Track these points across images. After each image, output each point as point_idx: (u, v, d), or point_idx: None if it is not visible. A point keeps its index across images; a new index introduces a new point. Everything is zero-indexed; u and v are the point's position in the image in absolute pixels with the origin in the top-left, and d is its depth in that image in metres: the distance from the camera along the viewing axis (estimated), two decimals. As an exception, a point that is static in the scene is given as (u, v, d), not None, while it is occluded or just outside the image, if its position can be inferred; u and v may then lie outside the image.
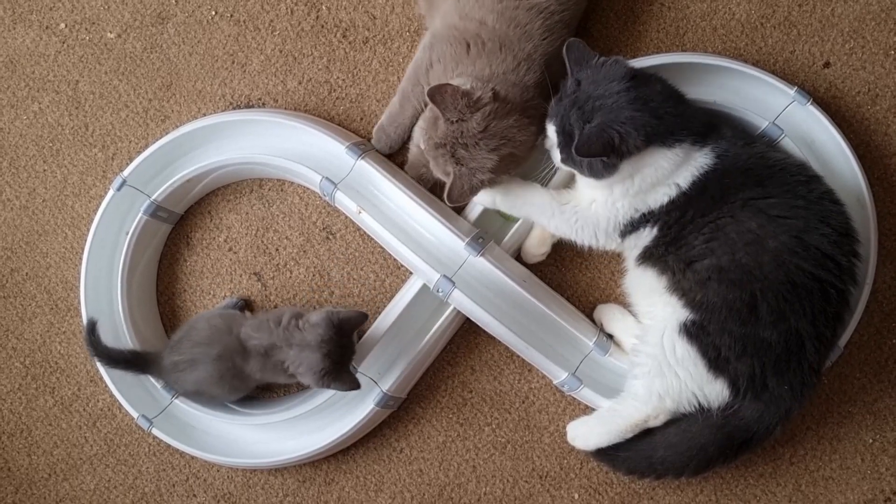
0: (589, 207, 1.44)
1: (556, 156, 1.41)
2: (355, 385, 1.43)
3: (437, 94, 1.37)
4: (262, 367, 1.45)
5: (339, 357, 1.41)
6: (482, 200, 1.54)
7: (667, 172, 1.36)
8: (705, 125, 1.38)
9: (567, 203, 1.47)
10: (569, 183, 1.53)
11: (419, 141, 1.54)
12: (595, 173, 1.35)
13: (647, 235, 1.42)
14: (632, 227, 1.42)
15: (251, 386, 1.54)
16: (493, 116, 1.38)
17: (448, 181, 1.42)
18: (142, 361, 1.52)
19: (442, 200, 1.59)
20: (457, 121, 1.38)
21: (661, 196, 1.38)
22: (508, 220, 1.59)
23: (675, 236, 1.38)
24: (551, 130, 1.40)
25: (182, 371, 1.47)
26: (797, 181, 1.36)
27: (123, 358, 1.51)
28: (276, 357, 1.43)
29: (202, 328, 1.49)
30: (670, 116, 1.34)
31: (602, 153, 1.31)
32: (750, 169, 1.36)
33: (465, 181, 1.41)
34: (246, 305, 1.67)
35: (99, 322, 1.54)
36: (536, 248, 1.59)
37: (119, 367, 1.52)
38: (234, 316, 1.52)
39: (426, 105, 1.55)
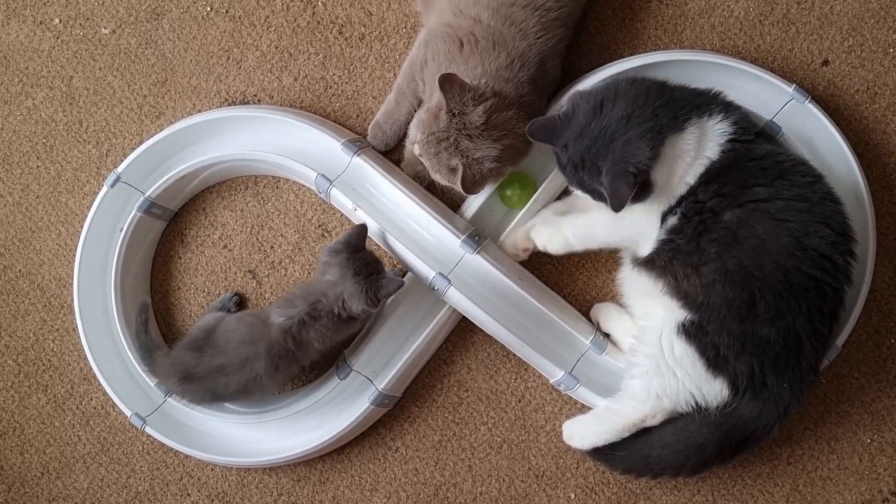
0: (634, 221, 1.42)
1: (611, 209, 1.35)
2: (399, 284, 1.44)
3: (447, 83, 1.38)
4: (316, 334, 1.44)
5: (368, 270, 1.43)
6: (554, 247, 1.49)
7: (693, 153, 1.34)
8: (697, 94, 1.37)
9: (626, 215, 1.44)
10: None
11: (415, 138, 1.53)
12: (642, 198, 1.34)
13: (669, 221, 1.39)
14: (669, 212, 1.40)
15: (301, 367, 1.52)
16: (493, 109, 1.39)
17: (457, 174, 1.41)
18: (152, 373, 1.53)
19: (437, 197, 1.59)
20: (459, 113, 1.39)
21: (695, 171, 1.35)
22: (512, 206, 1.57)
23: (689, 240, 1.35)
24: (583, 195, 1.42)
25: (229, 374, 1.43)
26: (805, 182, 1.36)
27: (149, 346, 1.53)
28: (324, 310, 1.43)
29: (238, 328, 1.46)
30: (661, 107, 1.33)
31: (632, 191, 1.30)
32: (765, 158, 1.35)
33: (475, 170, 1.41)
34: (241, 302, 1.66)
35: (96, 318, 1.59)
36: (521, 243, 1.57)
37: (140, 351, 1.55)
38: (260, 312, 1.50)
39: (421, 103, 1.54)
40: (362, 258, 1.44)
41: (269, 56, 1.68)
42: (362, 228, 1.46)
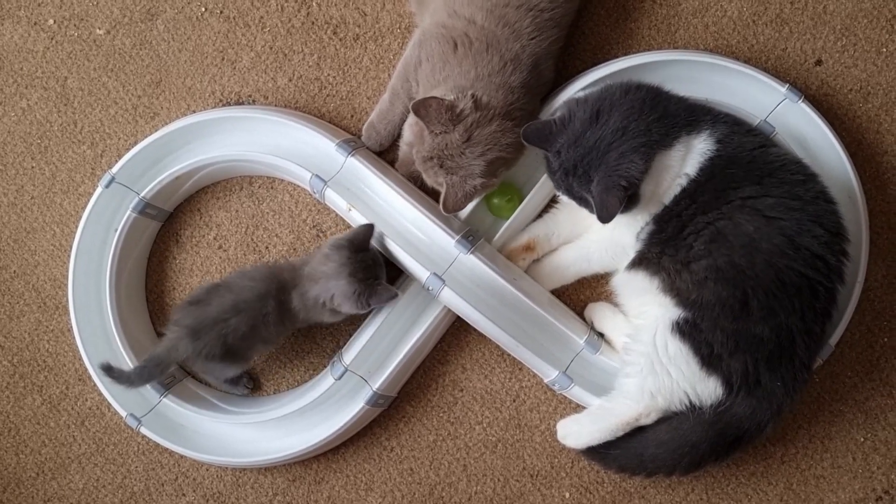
0: (614, 230, 1.45)
1: (598, 220, 1.37)
2: (392, 295, 1.44)
3: (422, 108, 1.39)
4: (304, 306, 1.46)
5: (366, 274, 1.43)
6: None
7: (677, 170, 1.36)
8: (688, 111, 1.38)
9: (593, 242, 1.52)
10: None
11: (409, 138, 1.53)
12: (627, 209, 1.36)
13: (644, 231, 1.42)
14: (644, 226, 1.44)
15: (294, 326, 1.53)
16: (475, 125, 1.40)
17: (441, 191, 1.43)
18: (163, 361, 1.46)
19: (432, 197, 1.60)
20: (440, 133, 1.40)
21: (674, 189, 1.38)
22: (499, 216, 1.59)
23: (671, 235, 1.37)
24: (568, 200, 1.44)
25: (241, 312, 1.43)
26: (796, 180, 1.36)
27: (155, 365, 1.46)
28: (310, 294, 1.45)
29: (257, 268, 1.50)
30: (655, 122, 1.34)
31: (621, 204, 1.32)
32: (752, 163, 1.36)
33: (458, 189, 1.43)
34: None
35: (91, 319, 1.59)
36: (520, 252, 1.59)
37: (154, 379, 1.50)
38: (270, 263, 1.53)
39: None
40: (363, 260, 1.44)
41: (263, 57, 1.68)
42: (368, 228, 1.46)
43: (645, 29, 1.63)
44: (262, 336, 1.48)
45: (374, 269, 1.46)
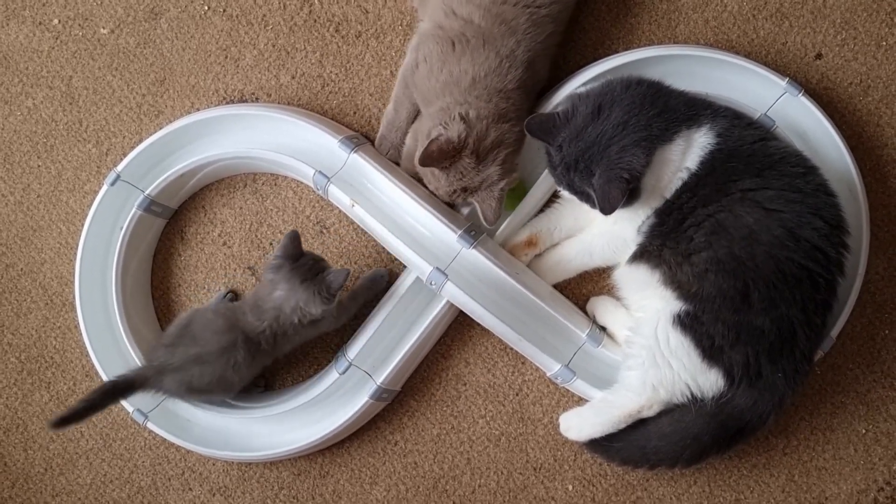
0: (615, 224, 1.47)
1: (597, 211, 1.39)
2: (346, 273, 1.46)
3: (428, 159, 1.42)
4: (280, 334, 1.48)
5: (312, 273, 1.47)
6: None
7: (677, 164, 1.37)
8: (688, 105, 1.39)
9: (594, 236, 1.53)
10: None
11: (413, 147, 1.55)
12: (630, 202, 1.37)
13: (645, 224, 1.43)
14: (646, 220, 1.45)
15: (273, 356, 1.54)
16: (477, 142, 1.43)
17: (478, 209, 1.48)
18: (130, 387, 1.44)
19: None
20: (450, 166, 1.44)
21: (675, 183, 1.39)
22: (505, 208, 1.59)
23: (672, 228, 1.38)
24: (569, 196, 1.45)
25: (205, 363, 1.44)
26: (796, 173, 1.37)
27: (123, 389, 1.43)
28: (287, 321, 1.47)
29: (215, 319, 1.47)
30: (655, 116, 1.35)
31: (624, 196, 1.33)
32: (752, 156, 1.37)
33: (490, 200, 1.46)
34: (235, 298, 1.68)
35: (97, 316, 1.59)
36: (522, 248, 1.60)
37: (108, 404, 1.43)
38: (236, 306, 1.51)
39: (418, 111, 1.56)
40: (304, 264, 1.47)
41: (266, 54, 1.69)
42: (294, 235, 1.48)
43: (645, 24, 1.64)
44: (231, 380, 1.48)
45: (317, 265, 1.48)
